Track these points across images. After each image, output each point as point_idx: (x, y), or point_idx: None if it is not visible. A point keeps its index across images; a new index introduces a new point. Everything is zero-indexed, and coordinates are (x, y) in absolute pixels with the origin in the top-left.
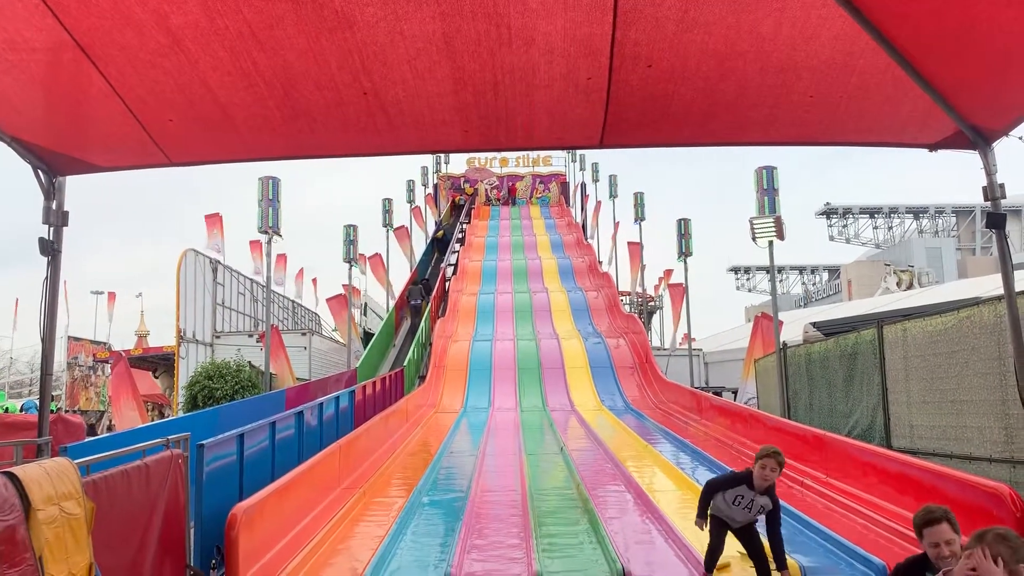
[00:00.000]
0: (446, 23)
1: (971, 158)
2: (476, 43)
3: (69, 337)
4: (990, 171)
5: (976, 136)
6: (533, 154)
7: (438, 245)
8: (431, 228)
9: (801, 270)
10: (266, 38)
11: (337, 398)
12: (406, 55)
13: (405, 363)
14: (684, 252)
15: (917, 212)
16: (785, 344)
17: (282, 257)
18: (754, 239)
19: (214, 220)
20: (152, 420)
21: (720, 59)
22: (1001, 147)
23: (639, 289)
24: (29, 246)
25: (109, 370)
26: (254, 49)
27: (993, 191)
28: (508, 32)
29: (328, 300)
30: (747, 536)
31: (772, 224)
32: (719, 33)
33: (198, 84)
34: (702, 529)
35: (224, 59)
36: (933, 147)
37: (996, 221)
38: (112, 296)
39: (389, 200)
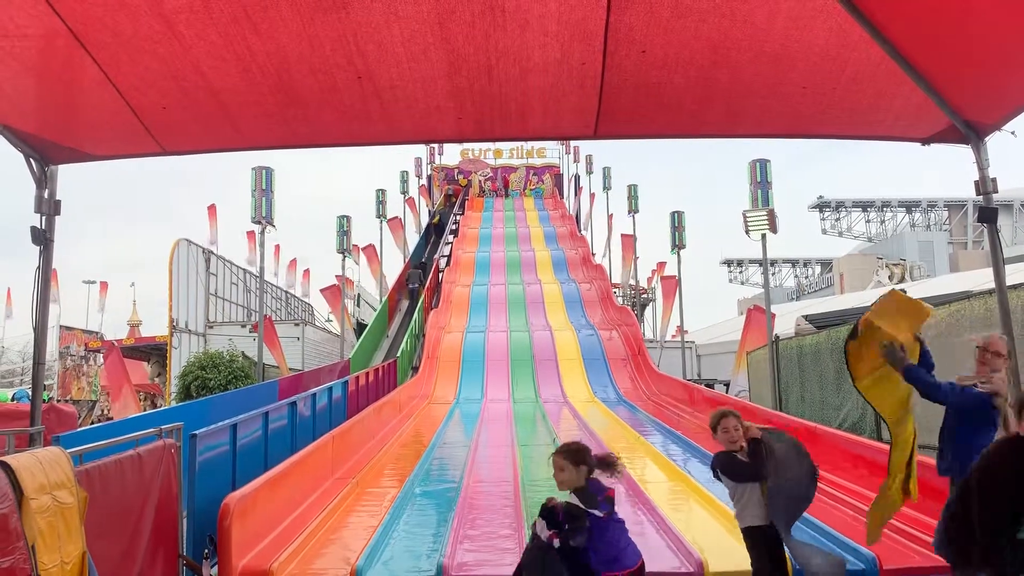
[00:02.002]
0: (440, 4)
1: (963, 152)
2: (471, 25)
3: (61, 326)
4: (982, 165)
5: (968, 130)
6: (527, 146)
7: (435, 230)
8: (425, 219)
9: (794, 263)
10: (260, 20)
11: (330, 388)
12: (400, 37)
13: (398, 354)
14: (677, 245)
15: (909, 206)
16: (777, 337)
17: (276, 247)
18: (747, 232)
19: (213, 211)
20: (144, 410)
21: (714, 47)
22: (993, 141)
23: (632, 281)
24: (20, 235)
25: (101, 359)
26: (248, 33)
27: (985, 185)
28: (503, 14)
29: (323, 290)
30: None
31: (765, 217)
32: (713, 21)
33: (192, 70)
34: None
35: (218, 44)
36: (926, 141)
37: (988, 215)
38: (104, 285)
39: (383, 191)
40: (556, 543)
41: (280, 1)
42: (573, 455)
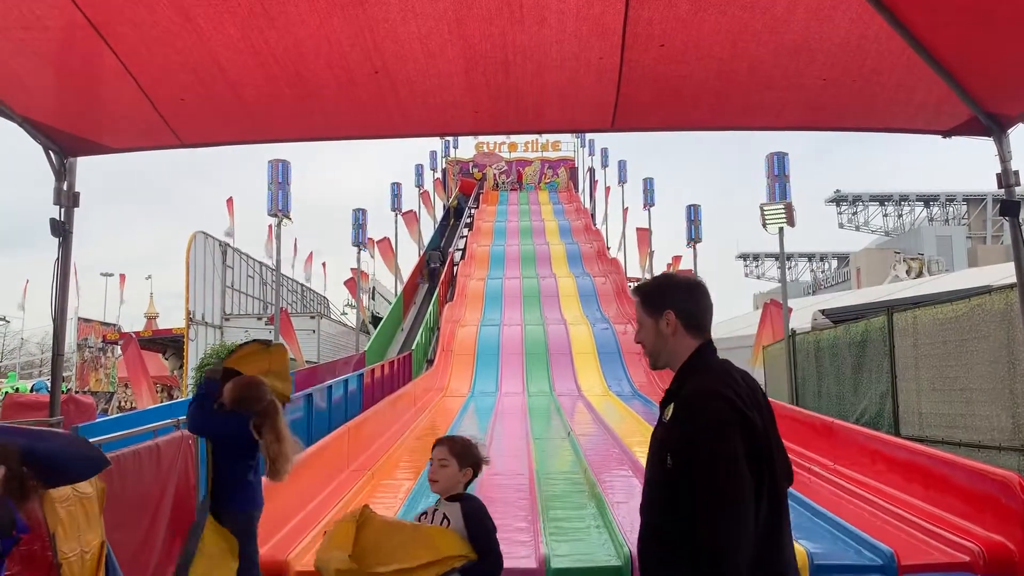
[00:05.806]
0: (458, 0)
1: (985, 145)
2: (488, 21)
3: (79, 318)
4: (1005, 158)
5: (991, 123)
6: (542, 139)
7: (453, 213)
8: (439, 213)
9: (810, 257)
10: (277, 15)
11: (346, 381)
12: (418, 33)
13: (413, 347)
14: (693, 238)
15: (927, 200)
16: (794, 331)
17: (292, 241)
18: (764, 225)
19: (231, 204)
20: (161, 401)
21: (733, 39)
22: (1016, 134)
23: (647, 275)
24: (38, 227)
25: (119, 351)
26: (266, 27)
27: (1007, 178)
28: (520, 10)
29: (346, 283)
30: None
31: (783, 210)
32: (733, 12)
33: (210, 63)
34: None
35: (235, 37)
36: (947, 133)
37: (1010, 209)
38: (122, 278)
39: (398, 184)
40: None
41: None
42: None
